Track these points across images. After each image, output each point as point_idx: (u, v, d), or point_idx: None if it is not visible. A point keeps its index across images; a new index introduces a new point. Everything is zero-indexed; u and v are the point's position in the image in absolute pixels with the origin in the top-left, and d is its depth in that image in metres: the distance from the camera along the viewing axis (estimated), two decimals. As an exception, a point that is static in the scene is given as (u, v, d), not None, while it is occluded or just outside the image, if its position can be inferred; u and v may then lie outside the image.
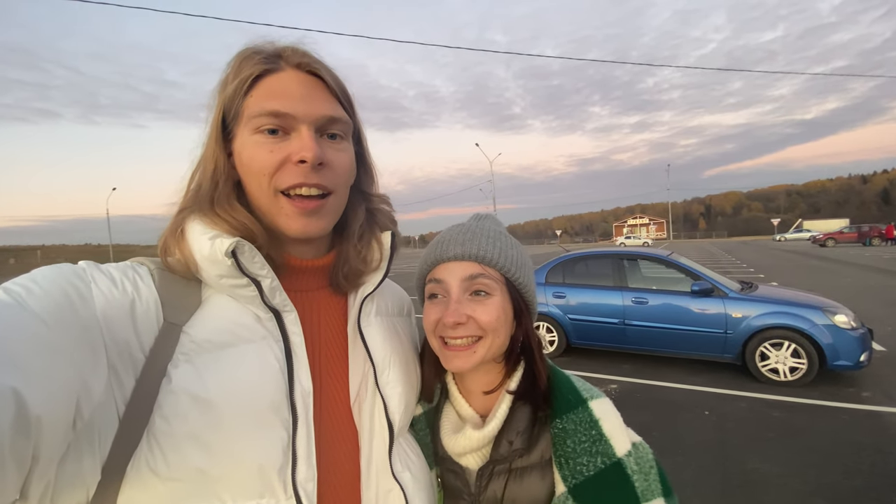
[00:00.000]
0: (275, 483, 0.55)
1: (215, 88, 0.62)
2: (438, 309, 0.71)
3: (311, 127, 0.59)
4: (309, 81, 0.61)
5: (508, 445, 0.70)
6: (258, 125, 0.58)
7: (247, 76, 0.58)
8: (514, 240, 0.78)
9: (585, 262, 6.27)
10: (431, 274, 0.75)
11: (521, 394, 0.73)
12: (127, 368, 0.50)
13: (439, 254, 0.74)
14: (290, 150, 0.58)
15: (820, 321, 4.60)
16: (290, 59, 0.60)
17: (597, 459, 0.65)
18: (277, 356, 0.58)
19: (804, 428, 3.70)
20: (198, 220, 0.58)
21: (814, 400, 4.25)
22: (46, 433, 0.38)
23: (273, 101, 0.57)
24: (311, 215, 0.61)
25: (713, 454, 3.33)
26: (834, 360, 4.48)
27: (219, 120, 0.60)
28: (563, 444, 0.68)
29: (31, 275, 0.47)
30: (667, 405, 4.34)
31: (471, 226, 0.77)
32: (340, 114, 0.63)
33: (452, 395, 0.79)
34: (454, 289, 0.71)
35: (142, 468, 0.49)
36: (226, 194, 0.60)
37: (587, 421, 0.68)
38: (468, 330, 0.69)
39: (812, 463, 3.13)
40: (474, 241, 0.73)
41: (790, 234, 53.54)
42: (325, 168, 0.60)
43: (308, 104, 0.59)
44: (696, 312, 5.19)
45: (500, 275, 0.72)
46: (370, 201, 0.73)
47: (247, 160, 0.59)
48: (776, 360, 4.73)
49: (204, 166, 0.61)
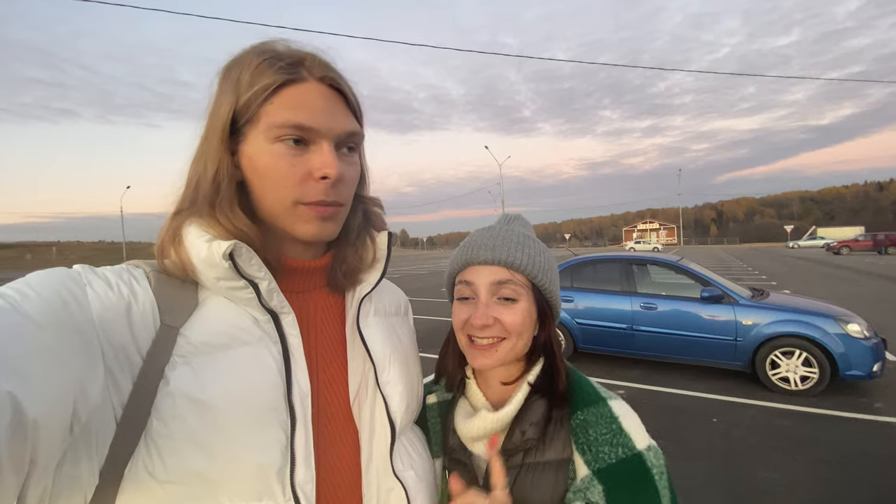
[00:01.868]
0: (273, 485, 0.55)
1: (221, 81, 0.60)
2: (467, 309, 0.75)
3: (331, 142, 0.59)
4: (331, 96, 0.61)
5: (521, 435, 0.71)
6: (279, 135, 0.57)
7: (270, 83, 0.57)
8: (541, 244, 0.80)
9: (594, 266, 6.23)
10: (461, 276, 0.77)
11: (539, 388, 0.75)
12: (124, 372, 0.49)
13: (470, 257, 0.76)
14: (312, 165, 0.58)
15: (832, 330, 4.53)
16: (314, 71, 0.60)
17: (618, 450, 0.67)
18: (275, 357, 0.58)
19: (814, 438, 3.65)
20: (195, 224, 0.58)
21: (824, 410, 4.19)
22: (43, 438, 0.38)
23: (298, 114, 0.57)
24: (327, 220, 0.61)
25: (720, 462, 3.29)
26: (846, 369, 4.41)
27: (228, 119, 0.58)
28: (586, 433, 0.70)
29: (26, 279, 0.47)
30: (674, 412, 4.30)
31: (501, 229, 0.79)
32: (358, 129, 0.64)
33: (469, 387, 0.81)
34: (483, 292, 0.74)
35: (139, 472, 0.49)
36: (228, 198, 0.59)
37: (608, 415, 0.70)
38: (494, 332, 0.73)
39: (821, 474, 3.09)
40: (504, 247, 0.75)
41: (804, 241, 52.66)
42: (340, 183, 0.61)
43: (331, 119, 0.59)
44: (706, 319, 5.14)
45: (527, 280, 0.75)
46: (365, 203, 0.74)
47: (264, 169, 0.58)
48: (787, 368, 4.67)
49: (205, 166, 0.59)
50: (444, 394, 0.83)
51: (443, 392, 0.83)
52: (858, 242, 33.32)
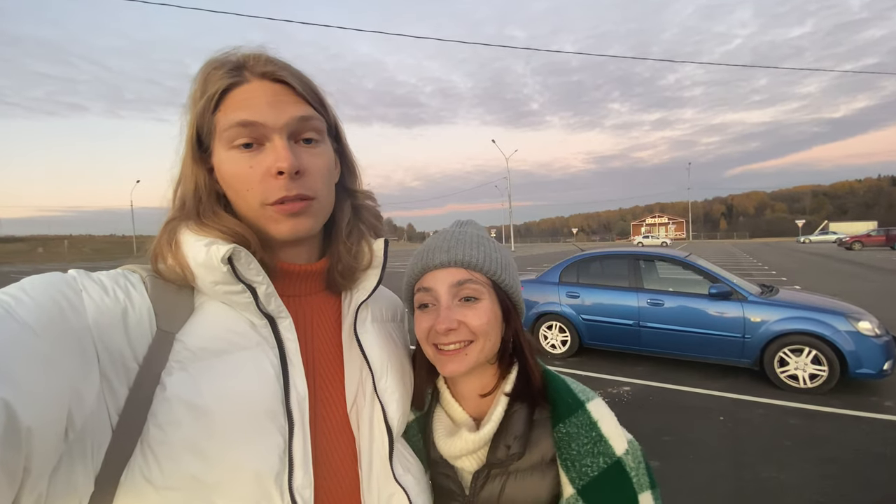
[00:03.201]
0: (271, 490, 0.54)
1: (185, 105, 0.61)
2: (430, 317, 0.72)
3: (283, 134, 0.58)
4: (275, 89, 0.60)
5: (506, 450, 0.71)
6: (230, 138, 0.58)
7: (214, 92, 0.58)
8: (497, 243, 0.79)
9: (600, 261, 6.20)
10: (420, 283, 0.76)
11: (517, 395, 0.74)
12: (120, 377, 0.49)
13: (426, 262, 0.75)
14: (267, 162, 0.58)
15: (843, 327, 4.47)
16: (255, 70, 0.60)
17: (599, 460, 0.68)
18: (273, 362, 0.58)
19: (823, 437, 3.61)
20: (189, 230, 0.58)
21: (834, 408, 4.14)
22: (37, 445, 0.38)
23: (240, 112, 0.57)
24: (299, 216, 0.60)
25: (727, 461, 3.27)
26: (856, 367, 4.36)
27: (193, 137, 0.60)
28: (568, 448, 0.69)
29: (21, 284, 0.47)
30: (681, 409, 4.27)
31: (454, 232, 0.78)
32: (310, 112, 0.62)
33: (444, 399, 0.80)
34: (443, 296, 0.72)
35: (136, 477, 0.49)
36: (209, 208, 0.60)
37: (587, 423, 0.70)
38: (460, 335, 0.71)
39: (829, 473, 3.06)
40: (459, 247, 0.74)
41: (815, 236, 52.11)
42: (304, 175, 0.60)
43: (275, 110, 0.58)
44: (714, 315, 5.10)
45: (487, 278, 0.74)
46: (355, 197, 0.73)
47: (227, 177, 0.59)
48: (796, 366, 4.62)
49: (184, 184, 0.61)
50: (418, 411, 0.81)
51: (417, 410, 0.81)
52: (871, 238, 32.89)
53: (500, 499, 0.71)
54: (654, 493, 0.71)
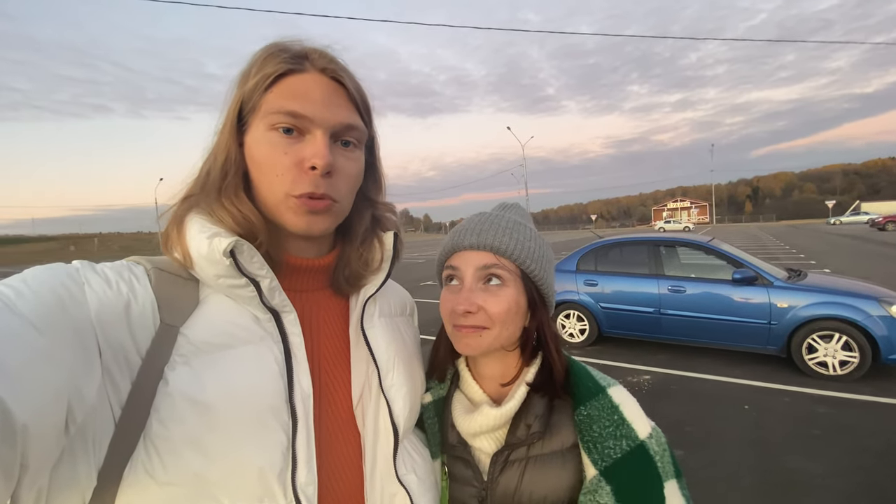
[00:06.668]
0: (274, 487, 0.54)
1: (235, 79, 0.61)
2: (454, 297, 0.73)
3: (326, 132, 0.59)
4: (331, 87, 0.60)
5: (526, 429, 0.71)
6: (274, 122, 0.57)
7: (270, 73, 0.58)
8: (534, 231, 0.77)
9: (619, 248, 6.08)
10: (449, 261, 0.77)
11: (538, 386, 0.73)
12: (122, 371, 0.49)
13: (457, 242, 0.75)
14: (304, 154, 0.58)
15: (875, 312, 4.30)
16: (316, 63, 0.60)
17: (622, 442, 0.67)
18: (277, 358, 0.58)
19: (853, 426, 3.50)
20: (198, 216, 0.58)
21: (865, 396, 4.00)
22: (34, 441, 0.37)
23: (293, 101, 0.57)
24: (318, 214, 0.60)
25: (753, 451, 3.19)
26: (889, 353, 4.20)
27: (236, 110, 0.60)
28: (590, 430, 0.69)
29: (23, 275, 0.46)
30: (704, 398, 4.19)
31: (491, 215, 0.77)
32: (357, 122, 0.62)
33: (464, 380, 0.80)
34: (468, 278, 0.72)
35: (139, 473, 0.48)
36: (234, 185, 0.59)
37: (608, 406, 0.70)
38: (477, 319, 0.70)
39: (860, 463, 2.96)
40: (490, 232, 0.73)
41: (846, 217, 50.25)
42: (334, 176, 0.60)
43: (327, 109, 0.59)
44: (738, 302, 4.96)
45: (516, 266, 0.72)
46: (376, 208, 0.73)
47: (258, 157, 0.59)
48: (825, 352, 4.47)
49: (216, 155, 0.61)
50: (438, 391, 0.81)
51: (437, 389, 0.81)
52: (906, 217, 31.54)
53: (520, 487, 0.70)
54: (681, 483, 0.69)
